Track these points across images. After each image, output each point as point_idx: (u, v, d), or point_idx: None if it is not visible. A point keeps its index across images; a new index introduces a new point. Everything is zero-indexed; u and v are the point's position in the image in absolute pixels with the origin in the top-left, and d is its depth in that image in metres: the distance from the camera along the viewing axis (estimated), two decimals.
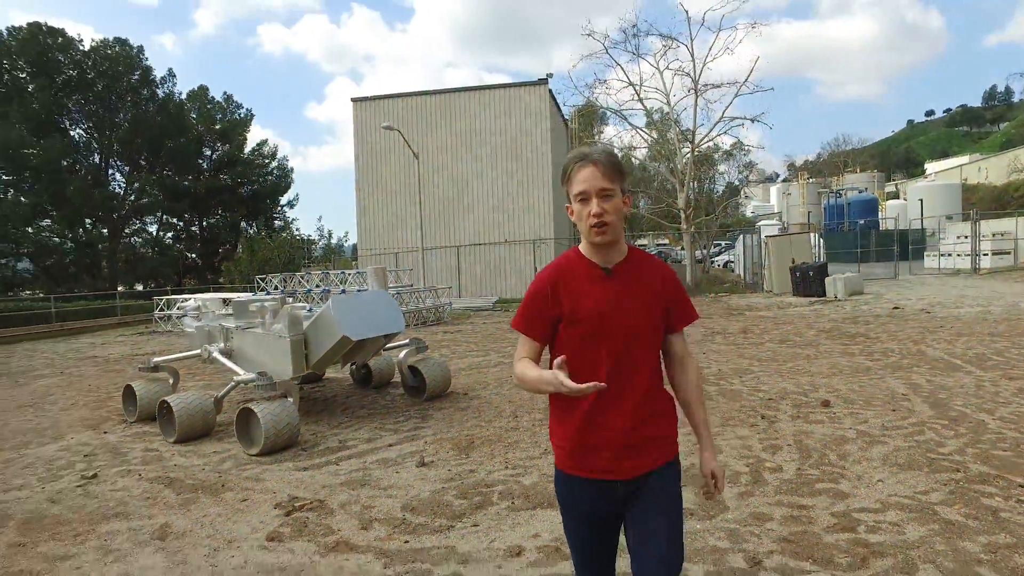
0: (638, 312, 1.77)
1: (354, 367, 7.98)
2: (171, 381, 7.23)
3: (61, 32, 33.94)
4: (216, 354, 6.73)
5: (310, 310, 6.45)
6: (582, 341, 1.77)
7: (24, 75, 33.52)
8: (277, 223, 47.13)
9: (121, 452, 5.90)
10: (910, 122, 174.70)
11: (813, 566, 2.94)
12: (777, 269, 20.36)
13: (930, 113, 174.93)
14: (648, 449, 1.78)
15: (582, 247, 1.86)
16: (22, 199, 33.87)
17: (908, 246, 27.32)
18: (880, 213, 50.16)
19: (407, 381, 7.17)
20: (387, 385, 8.06)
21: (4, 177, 33.53)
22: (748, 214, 70.18)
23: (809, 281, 18.30)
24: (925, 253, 28.63)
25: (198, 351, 7.13)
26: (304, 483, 4.72)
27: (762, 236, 22.14)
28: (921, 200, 42.94)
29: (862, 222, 42.48)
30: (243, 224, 46.95)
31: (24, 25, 33.05)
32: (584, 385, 1.56)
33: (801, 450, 4.62)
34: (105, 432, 6.68)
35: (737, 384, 7.06)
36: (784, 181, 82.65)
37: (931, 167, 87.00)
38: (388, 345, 6.87)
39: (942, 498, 3.62)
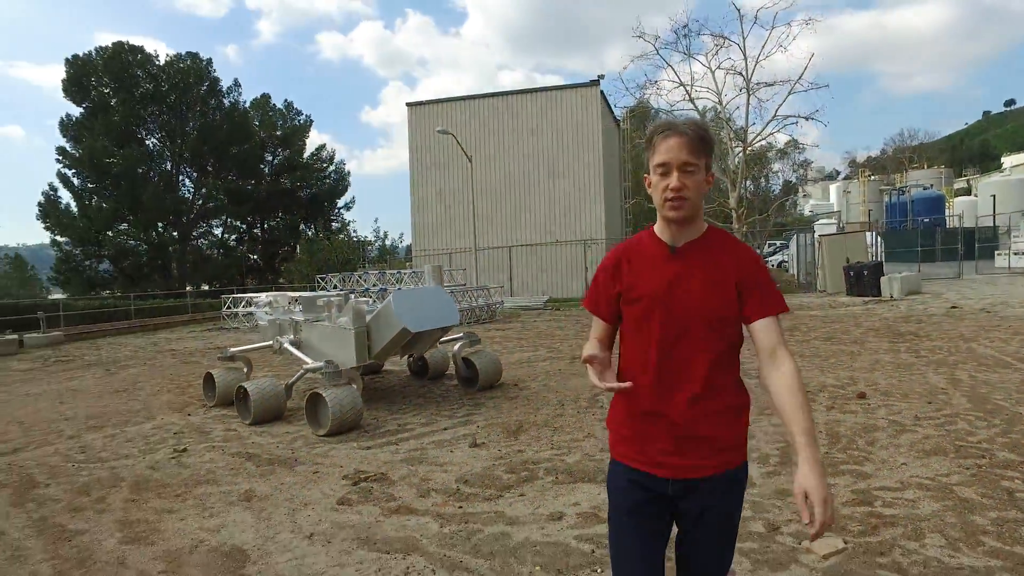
0: (700, 294, 1.63)
1: (411, 359, 8.53)
2: (245, 370, 7.92)
3: (140, 49, 36.23)
4: (287, 345, 7.38)
5: (372, 304, 7.00)
6: (636, 322, 1.70)
7: (108, 90, 35.90)
8: (334, 225, 48.70)
9: (205, 431, 6.58)
10: (986, 113, 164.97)
11: (827, 533, 3.22)
12: (830, 269, 20.02)
13: (1010, 103, 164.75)
14: (703, 450, 1.63)
15: (656, 226, 1.76)
16: (103, 205, 36.28)
17: (974, 244, 26.26)
18: (947, 210, 48.10)
19: (461, 372, 7.66)
20: (442, 376, 8.58)
21: (89, 185, 35.98)
22: (806, 213, 68.34)
23: (863, 280, 17.97)
24: (996, 252, 27.45)
25: (270, 342, 7.80)
26: (367, 459, 5.24)
27: (815, 235, 21.77)
28: (993, 196, 40.86)
29: (926, 220, 40.90)
30: (302, 226, 48.82)
31: (110, 45, 35.39)
32: (606, 384, 1.56)
33: (831, 436, 4.85)
34: (189, 414, 7.41)
35: None
36: (845, 179, 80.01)
37: (1008, 161, 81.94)
38: (443, 338, 7.36)
39: (962, 480, 3.82)
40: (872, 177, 68.60)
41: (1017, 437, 4.57)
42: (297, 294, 8.14)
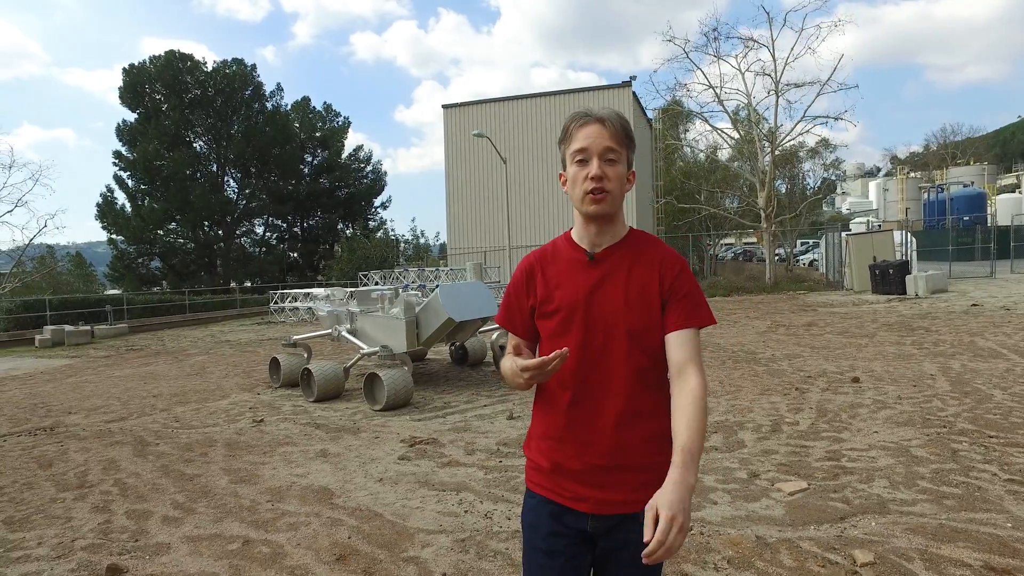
0: (622, 304, 1.49)
1: (453, 347, 9.45)
2: (305, 355, 8.93)
3: (190, 57, 38.07)
4: (344, 333, 8.36)
5: (421, 297, 7.94)
6: (553, 338, 1.53)
7: (159, 96, 37.84)
8: (371, 224, 50.14)
9: (275, 407, 7.58)
10: None
11: (796, 478, 4.01)
12: (857, 267, 20.35)
13: None
14: (628, 481, 1.47)
15: (574, 230, 1.61)
16: (155, 205, 38.25)
17: (1010, 243, 26.12)
18: (989, 208, 47.18)
19: (498, 358, 8.53)
20: (480, 363, 9.48)
21: (142, 186, 37.99)
22: (844, 211, 67.52)
23: (889, 279, 18.30)
24: None
25: (328, 331, 8.80)
26: (419, 428, 6.15)
27: (842, 235, 22.09)
28: None
29: (966, 218, 40.34)
30: (340, 225, 50.41)
31: (162, 53, 37.31)
32: (536, 360, 1.36)
33: (819, 412, 5.59)
34: (259, 393, 8.45)
35: (784, 365, 7.97)
36: (886, 175, 78.57)
37: None
38: (482, 328, 8.25)
39: (919, 444, 4.55)
40: (912, 174, 67.33)
41: (981, 413, 5.25)
42: (351, 289, 9.11)
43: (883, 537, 3.14)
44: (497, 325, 8.42)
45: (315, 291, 10.08)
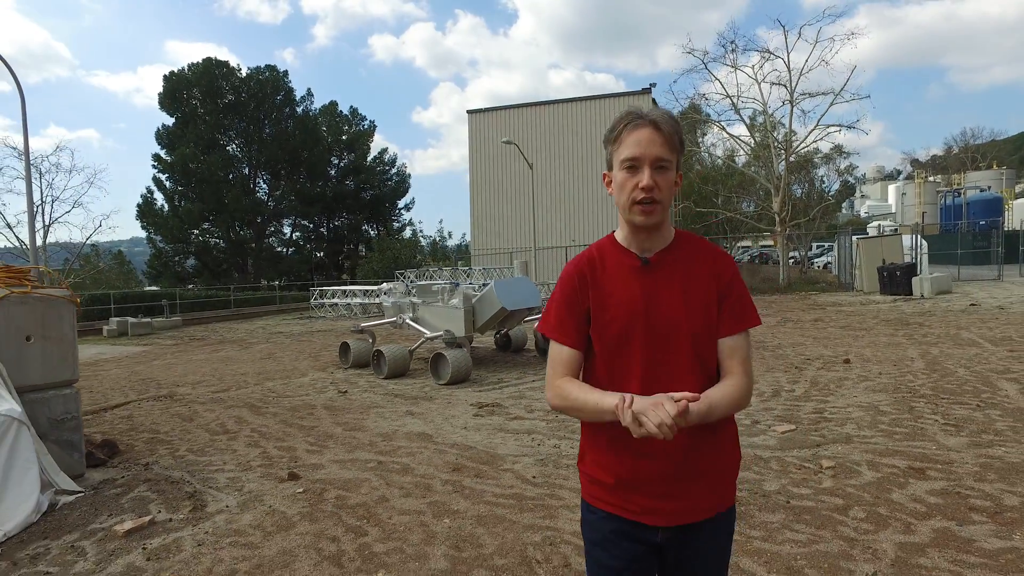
0: (683, 310, 1.46)
1: (498, 335, 10.80)
2: (370, 340, 10.31)
3: (226, 64, 39.94)
4: (408, 320, 9.73)
5: (476, 290, 9.29)
6: (610, 349, 1.49)
7: (196, 101, 39.69)
8: (396, 225, 51.71)
9: (352, 381, 8.94)
10: None
11: (787, 423, 5.28)
12: (867, 269, 21.41)
13: None
14: (698, 489, 1.47)
15: (618, 233, 1.58)
16: (191, 206, 40.10)
17: (1018, 247, 26.97)
18: (1006, 212, 47.69)
19: (539, 344, 9.87)
20: (521, 349, 10.81)
21: (179, 188, 39.85)
22: (862, 214, 68.03)
23: (896, 280, 19.36)
24: None
25: (392, 319, 10.17)
26: (482, 396, 7.47)
27: (852, 238, 23.17)
28: None
29: (982, 223, 40.97)
30: (364, 226, 52.07)
31: (200, 60, 39.17)
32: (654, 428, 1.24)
33: (812, 383, 6.86)
34: (332, 372, 9.83)
35: (788, 351, 9.22)
36: (906, 179, 78.80)
37: None
38: (527, 318, 9.57)
39: (887, 403, 5.81)
40: (930, 178, 67.68)
41: (942, 384, 6.49)
42: (411, 284, 10.49)
43: (844, 455, 4.42)
44: (541, 315, 9.68)
45: (383, 285, 11.47)
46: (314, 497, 4.20)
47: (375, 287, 12.38)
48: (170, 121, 40.22)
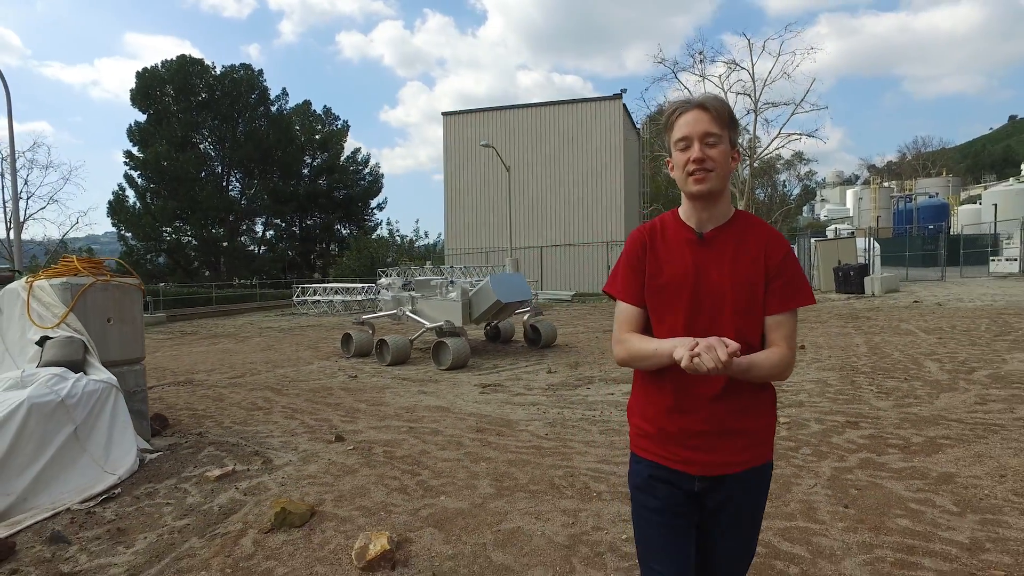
0: (729, 283, 1.56)
1: (488, 327, 11.68)
2: (370, 332, 11.08)
3: (200, 61, 39.87)
4: (408, 312, 10.55)
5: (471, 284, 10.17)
6: (659, 311, 1.62)
7: (169, 99, 39.55)
8: (369, 224, 52.06)
9: (359, 368, 9.70)
10: (1012, 118, 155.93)
11: None
12: (824, 270, 22.92)
13: None
14: (732, 445, 1.59)
15: (681, 208, 1.68)
16: (163, 204, 39.91)
17: (960, 250, 28.96)
18: (952, 218, 50.51)
19: (528, 335, 10.79)
20: (510, 340, 11.72)
21: (151, 186, 39.65)
22: (822, 217, 70.83)
23: (850, 280, 20.85)
24: (994, 259, 29.82)
25: (392, 312, 10.97)
26: (483, 379, 8.34)
27: (811, 240, 24.70)
28: (995, 205, 43.11)
29: (930, 227, 43.36)
30: (337, 226, 52.28)
31: (174, 58, 39.04)
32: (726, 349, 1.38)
33: None
34: (336, 360, 10.57)
35: None
36: (863, 184, 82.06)
37: None
38: (519, 310, 10.48)
39: (832, 379, 6.89)
40: (885, 184, 70.88)
41: (879, 364, 7.63)
42: (406, 279, 11.30)
43: (797, 415, 5.44)
44: (530, 308, 10.53)
45: (382, 279, 12.25)
46: (364, 452, 5.04)
47: (355, 285, 13.16)
48: (142, 118, 39.98)
